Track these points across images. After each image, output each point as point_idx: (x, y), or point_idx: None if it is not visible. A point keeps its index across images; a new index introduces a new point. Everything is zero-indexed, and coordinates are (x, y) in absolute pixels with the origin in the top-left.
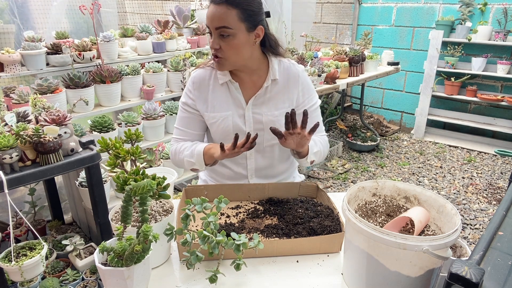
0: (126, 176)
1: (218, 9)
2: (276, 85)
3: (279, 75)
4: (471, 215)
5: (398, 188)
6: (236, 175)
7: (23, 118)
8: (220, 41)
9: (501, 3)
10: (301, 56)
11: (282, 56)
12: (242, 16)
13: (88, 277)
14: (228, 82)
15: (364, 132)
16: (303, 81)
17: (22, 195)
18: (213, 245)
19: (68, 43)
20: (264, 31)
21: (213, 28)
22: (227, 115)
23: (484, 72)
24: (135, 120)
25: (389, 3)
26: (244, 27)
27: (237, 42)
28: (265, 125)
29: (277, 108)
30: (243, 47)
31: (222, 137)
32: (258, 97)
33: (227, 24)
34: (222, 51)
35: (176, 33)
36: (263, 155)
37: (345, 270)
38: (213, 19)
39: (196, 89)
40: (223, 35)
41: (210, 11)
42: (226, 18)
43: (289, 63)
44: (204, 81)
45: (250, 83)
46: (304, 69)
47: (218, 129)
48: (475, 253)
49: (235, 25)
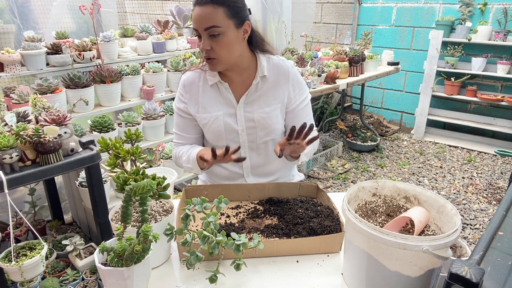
0: (126, 176)
1: (204, 10)
2: (266, 82)
3: (268, 71)
4: (471, 215)
5: (398, 188)
6: (232, 175)
7: (23, 118)
8: (211, 41)
9: (501, 3)
10: (301, 56)
11: (270, 53)
12: (229, 13)
13: (88, 277)
14: (217, 83)
15: (364, 132)
16: (293, 77)
17: (22, 195)
18: (213, 245)
19: (68, 43)
20: (251, 27)
21: (202, 29)
22: (218, 115)
23: (484, 72)
24: (135, 120)
25: (389, 3)
26: (233, 23)
27: (228, 40)
28: (257, 123)
29: (268, 105)
30: (234, 44)
31: (214, 138)
32: (249, 95)
33: (215, 23)
34: (214, 51)
35: (176, 33)
36: (257, 153)
37: (345, 270)
38: (201, 20)
39: (187, 92)
40: (213, 35)
41: (196, 13)
42: (214, 17)
43: (278, 60)
44: (194, 84)
45: (240, 82)
46: (293, 65)
47: (210, 129)
48: (475, 253)
49: (224, 23)
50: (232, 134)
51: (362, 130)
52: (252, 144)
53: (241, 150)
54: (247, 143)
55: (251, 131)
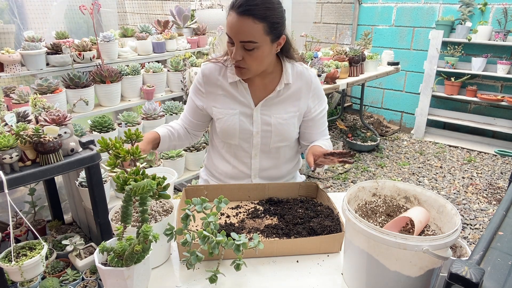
0: (126, 176)
1: (243, 22)
2: (288, 89)
3: (292, 79)
4: (471, 215)
5: (398, 188)
6: (240, 174)
7: (23, 118)
8: (244, 52)
9: (501, 3)
10: (301, 56)
11: (295, 60)
12: (268, 30)
13: (88, 277)
14: (237, 82)
15: (364, 132)
16: (315, 87)
17: (22, 195)
18: (213, 245)
19: (68, 43)
20: (285, 39)
21: (237, 40)
22: (234, 113)
23: (484, 72)
24: (135, 120)
25: (389, 3)
26: (269, 39)
27: (261, 54)
28: (273, 127)
29: (286, 112)
30: (266, 57)
31: (227, 135)
32: (269, 99)
33: (252, 38)
34: (245, 62)
35: (176, 33)
36: (268, 156)
37: (345, 270)
38: (237, 32)
39: (206, 82)
40: (247, 48)
41: (233, 22)
42: (252, 33)
43: (302, 68)
44: (213, 76)
45: (261, 85)
46: (316, 74)
47: (224, 125)
48: (475, 253)
49: (261, 39)
50: (246, 134)
51: (362, 130)
52: (265, 147)
53: (252, 152)
54: (259, 146)
55: (266, 134)
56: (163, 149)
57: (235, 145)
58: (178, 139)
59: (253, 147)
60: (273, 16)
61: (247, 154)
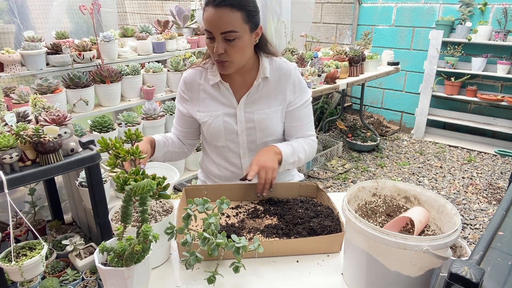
0: (126, 176)
1: (221, 13)
2: (268, 83)
3: (270, 73)
4: (471, 215)
5: (398, 188)
6: (232, 175)
7: (23, 118)
8: (225, 45)
9: (501, 3)
10: (301, 56)
11: (273, 55)
12: (246, 18)
13: (88, 277)
14: (219, 83)
15: (364, 132)
16: (295, 79)
17: (22, 195)
18: (212, 247)
19: (68, 43)
20: (262, 30)
21: (218, 33)
22: (218, 114)
23: (484, 72)
24: (135, 120)
25: (389, 3)
26: (248, 28)
27: (243, 44)
28: (256, 123)
29: (268, 106)
30: (247, 48)
31: (213, 137)
32: (249, 95)
33: (233, 28)
34: (227, 55)
35: (176, 33)
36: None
37: (345, 270)
38: (217, 23)
39: (188, 89)
40: (228, 39)
41: (211, 15)
42: (232, 22)
43: (281, 61)
44: (195, 82)
45: (241, 82)
46: (296, 67)
47: (209, 128)
48: (475, 253)
49: (241, 28)
50: (231, 134)
51: (362, 130)
52: (252, 144)
53: (240, 151)
54: (246, 144)
55: (251, 132)
56: (158, 156)
57: (222, 147)
58: (172, 145)
59: (240, 147)
60: (249, 5)
61: (235, 154)
